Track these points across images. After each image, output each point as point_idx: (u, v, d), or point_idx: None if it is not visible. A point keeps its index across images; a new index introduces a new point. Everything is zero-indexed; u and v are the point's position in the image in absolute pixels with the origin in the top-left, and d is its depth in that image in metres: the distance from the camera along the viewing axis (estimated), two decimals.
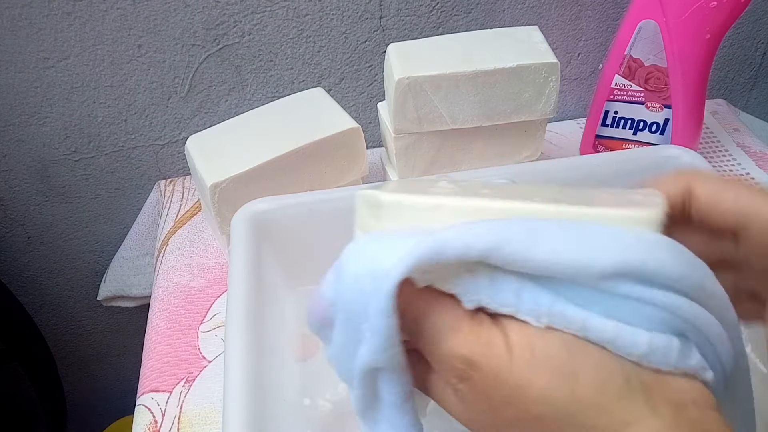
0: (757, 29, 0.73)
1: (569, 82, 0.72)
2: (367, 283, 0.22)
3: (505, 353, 0.21)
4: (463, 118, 0.52)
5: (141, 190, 0.70)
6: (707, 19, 0.52)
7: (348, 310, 0.23)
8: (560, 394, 0.20)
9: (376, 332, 0.22)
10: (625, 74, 0.58)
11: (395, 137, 0.53)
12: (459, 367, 0.22)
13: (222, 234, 0.50)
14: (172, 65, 0.62)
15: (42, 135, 0.64)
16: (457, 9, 0.64)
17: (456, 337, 0.22)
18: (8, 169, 0.66)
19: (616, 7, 0.67)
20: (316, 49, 0.64)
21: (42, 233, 0.72)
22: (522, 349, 0.21)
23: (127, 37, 0.59)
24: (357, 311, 0.22)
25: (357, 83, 0.67)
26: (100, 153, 0.67)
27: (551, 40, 0.67)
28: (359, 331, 0.23)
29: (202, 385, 0.47)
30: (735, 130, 0.70)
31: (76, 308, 0.80)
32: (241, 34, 0.61)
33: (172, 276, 0.56)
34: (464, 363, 0.22)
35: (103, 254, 0.75)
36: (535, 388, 0.21)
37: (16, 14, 0.56)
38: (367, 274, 0.22)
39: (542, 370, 0.21)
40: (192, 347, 0.50)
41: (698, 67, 0.55)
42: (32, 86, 0.61)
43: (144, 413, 0.46)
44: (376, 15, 0.63)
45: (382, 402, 0.24)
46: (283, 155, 0.49)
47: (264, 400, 0.33)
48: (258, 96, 0.66)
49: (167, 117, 0.65)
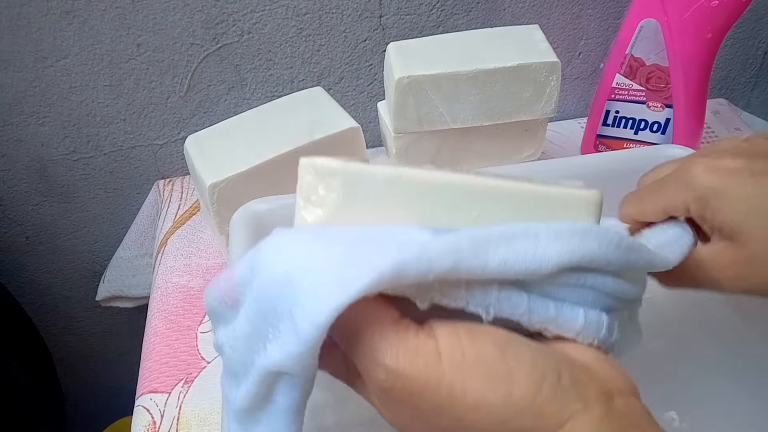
0: (758, 28, 0.73)
1: (570, 82, 0.72)
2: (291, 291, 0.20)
3: (435, 360, 0.21)
4: (464, 117, 0.52)
5: (140, 189, 0.70)
6: (709, 19, 0.52)
7: (264, 302, 0.21)
8: (496, 400, 0.20)
9: (299, 340, 0.20)
10: (627, 73, 0.58)
11: (395, 137, 0.53)
12: (382, 377, 0.21)
13: (221, 234, 0.50)
14: (171, 64, 0.62)
15: (40, 135, 0.64)
16: (457, 8, 0.64)
17: (381, 346, 0.21)
18: (7, 168, 0.66)
19: (618, 6, 0.67)
20: (316, 48, 0.63)
21: (40, 233, 0.72)
22: (452, 353, 0.21)
23: (125, 36, 0.59)
24: (275, 308, 0.21)
25: (357, 82, 0.67)
26: (99, 153, 0.66)
27: (552, 39, 0.67)
28: (273, 328, 0.21)
29: (201, 386, 0.47)
30: (736, 130, 0.70)
31: (75, 308, 0.80)
32: (240, 33, 0.61)
33: (171, 276, 0.56)
34: (387, 373, 0.21)
35: (102, 254, 0.75)
36: (469, 396, 0.20)
37: (14, 13, 0.56)
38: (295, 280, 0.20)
39: (475, 374, 0.20)
40: (191, 348, 0.50)
41: (700, 66, 0.55)
42: (31, 86, 0.60)
43: (143, 414, 0.46)
44: (376, 14, 0.62)
45: (273, 405, 0.23)
46: (282, 155, 0.49)
47: None
48: (257, 95, 0.66)
49: (166, 116, 0.65)
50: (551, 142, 0.68)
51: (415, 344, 0.21)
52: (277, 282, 0.21)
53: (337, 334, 0.22)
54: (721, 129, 0.70)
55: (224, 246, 0.52)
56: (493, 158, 0.56)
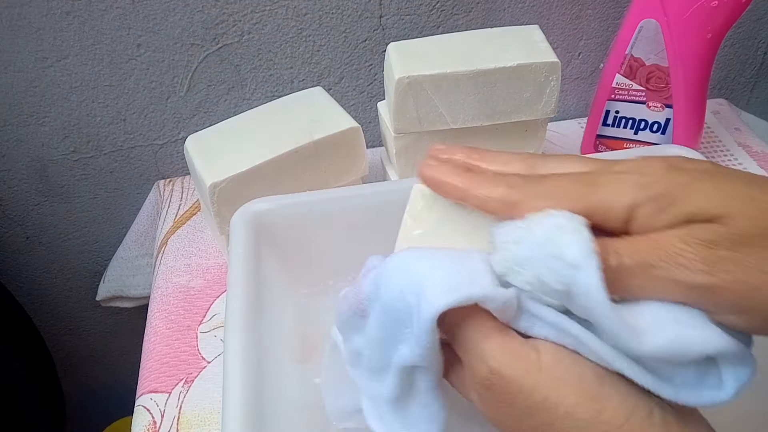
0: (758, 29, 0.73)
1: (570, 82, 0.72)
2: (413, 299, 0.24)
3: (534, 367, 0.23)
4: (464, 117, 0.52)
5: (140, 189, 0.70)
6: (708, 19, 0.52)
7: (390, 313, 0.26)
8: (585, 416, 0.22)
9: (419, 343, 0.24)
10: (626, 73, 0.58)
11: (395, 137, 0.53)
12: (484, 374, 0.24)
13: (221, 234, 0.50)
14: (171, 64, 0.62)
15: (41, 135, 0.64)
16: (457, 8, 0.64)
17: (485, 346, 0.24)
18: (7, 169, 0.66)
19: (617, 6, 0.67)
20: (316, 49, 0.63)
21: (41, 233, 0.72)
22: (553, 368, 0.23)
23: (126, 36, 0.59)
24: (399, 318, 0.25)
25: (357, 82, 0.67)
26: (99, 153, 0.66)
27: (552, 39, 0.67)
28: (401, 332, 0.25)
29: (201, 385, 0.47)
30: (736, 130, 0.70)
31: (75, 308, 0.80)
32: (240, 34, 0.61)
33: (171, 276, 0.56)
34: (489, 371, 0.23)
35: (102, 254, 0.75)
36: (562, 406, 0.22)
37: (15, 13, 0.56)
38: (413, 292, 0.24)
39: (572, 390, 0.22)
40: (191, 348, 0.50)
41: (699, 66, 0.55)
42: (31, 86, 0.60)
43: (143, 414, 0.46)
44: (376, 14, 0.62)
45: (415, 389, 0.27)
46: (282, 155, 0.49)
47: (263, 401, 0.33)
48: (257, 95, 0.66)
49: (166, 116, 0.65)
50: (551, 142, 0.68)
51: (518, 352, 0.23)
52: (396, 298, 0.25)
53: (450, 334, 0.25)
54: (721, 129, 0.70)
55: (224, 246, 0.52)
56: None
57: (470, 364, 0.25)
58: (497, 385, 0.23)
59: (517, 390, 0.23)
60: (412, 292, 0.24)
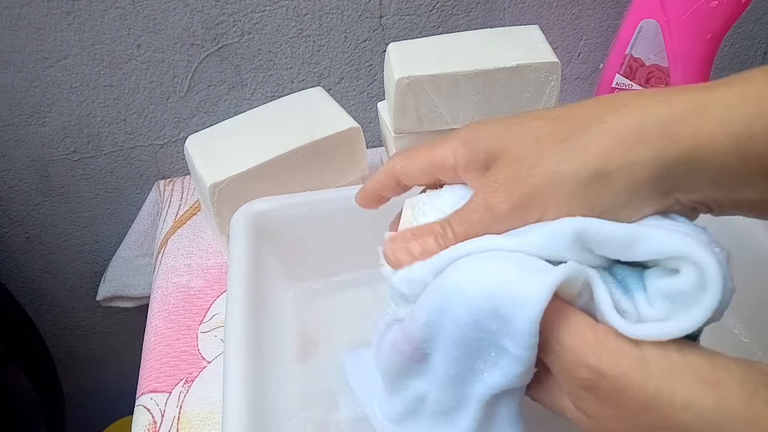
0: (757, 29, 0.73)
1: (570, 82, 0.72)
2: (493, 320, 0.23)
3: (638, 362, 0.22)
4: (464, 117, 0.52)
5: (140, 190, 0.70)
6: (708, 19, 0.52)
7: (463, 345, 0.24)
8: (708, 404, 0.21)
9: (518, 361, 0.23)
10: (626, 74, 0.58)
11: (395, 137, 0.53)
12: (585, 376, 0.22)
13: (221, 234, 0.50)
14: (171, 65, 0.62)
15: (41, 135, 0.64)
16: (457, 8, 0.64)
17: (582, 346, 0.22)
18: (7, 168, 0.66)
19: (617, 7, 0.67)
20: (316, 49, 0.63)
21: (41, 233, 0.72)
22: (659, 360, 0.22)
23: (126, 36, 0.59)
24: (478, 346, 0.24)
25: (357, 83, 0.67)
26: (99, 153, 0.66)
27: (552, 39, 0.67)
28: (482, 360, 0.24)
29: (201, 385, 0.47)
30: None
31: (75, 308, 0.80)
32: (240, 34, 0.61)
33: (172, 276, 0.56)
34: (591, 372, 0.22)
35: (102, 254, 0.75)
36: (678, 398, 0.21)
37: (15, 14, 0.56)
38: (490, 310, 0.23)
39: (684, 379, 0.21)
40: (191, 348, 0.50)
41: (699, 66, 0.55)
42: (31, 86, 0.60)
43: (143, 414, 0.46)
44: (376, 14, 0.62)
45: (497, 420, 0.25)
46: (282, 155, 0.49)
47: (263, 401, 0.33)
48: (257, 95, 0.66)
49: (166, 117, 0.65)
50: None
51: (617, 347, 0.22)
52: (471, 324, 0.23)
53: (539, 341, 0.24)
54: None
55: (225, 246, 0.52)
56: None
57: (565, 368, 0.23)
58: (602, 386, 0.22)
59: (624, 387, 0.22)
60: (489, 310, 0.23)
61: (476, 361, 0.24)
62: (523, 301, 0.22)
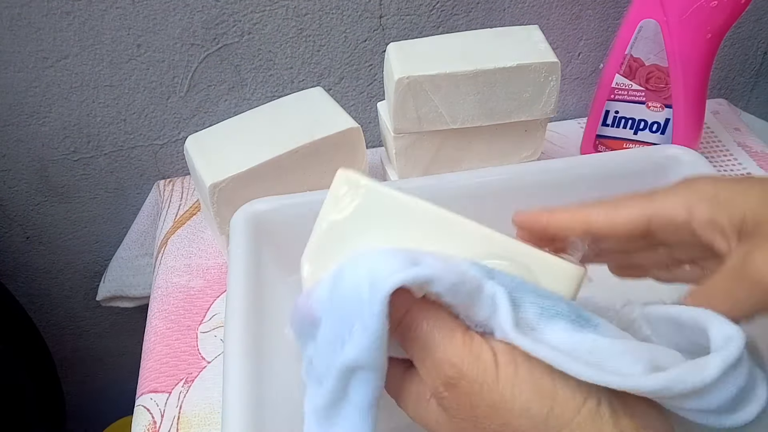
0: (758, 29, 0.73)
1: (570, 82, 0.72)
2: (365, 288, 0.23)
3: (492, 367, 0.23)
4: (463, 117, 0.52)
5: (140, 190, 0.70)
6: (708, 19, 0.52)
7: (342, 310, 0.25)
8: (539, 411, 0.22)
9: (366, 332, 0.23)
10: (626, 74, 0.58)
11: (395, 137, 0.53)
12: (448, 374, 0.24)
13: (221, 234, 0.50)
14: (171, 65, 0.62)
15: (41, 135, 0.64)
16: (457, 8, 0.64)
17: (449, 346, 0.24)
18: (7, 168, 0.66)
19: (617, 7, 0.67)
20: (316, 49, 0.63)
21: (41, 233, 0.72)
22: (507, 366, 0.23)
23: (126, 36, 0.59)
24: (351, 314, 0.24)
25: (357, 83, 0.67)
26: (99, 153, 0.66)
27: (552, 39, 0.67)
28: (348, 330, 0.24)
29: (201, 385, 0.47)
30: (736, 130, 0.70)
31: (75, 308, 0.80)
32: (240, 34, 0.61)
33: (171, 276, 0.56)
34: (454, 370, 0.23)
35: (102, 254, 0.75)
36: (517, 402, 0.23)
37: (15, 14, 0.56)
38: (365, 280, 0.24)
39: (524, 386, 0.23)
40: (191, 348, 0.50)
41: (699, 66, 0.55)
42: (31, 86, 0.60)
43: (143, 414, 0.46)
44: (376, 14, 0.62)
45: (348, 403, 0.26)
46: (282, 155, 0.49)
47: (263, 401, 0.33)
48: (257, 95, 0.66)
49: (166, 117, 0.65)
50: (551, 143, 0.68)
51: (479, 351, 0.24)
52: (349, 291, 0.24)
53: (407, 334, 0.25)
54: (721, 129, 0.70)
55: (224, 246, 0.52)
56: (492, 158, 0.56)
57: (432, 365, 0.24)
58: (460, 386, 0.23)
59: (479, 389, 0.23)
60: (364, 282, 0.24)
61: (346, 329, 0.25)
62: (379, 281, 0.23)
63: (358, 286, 0.24)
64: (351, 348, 0.24)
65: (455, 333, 0.24)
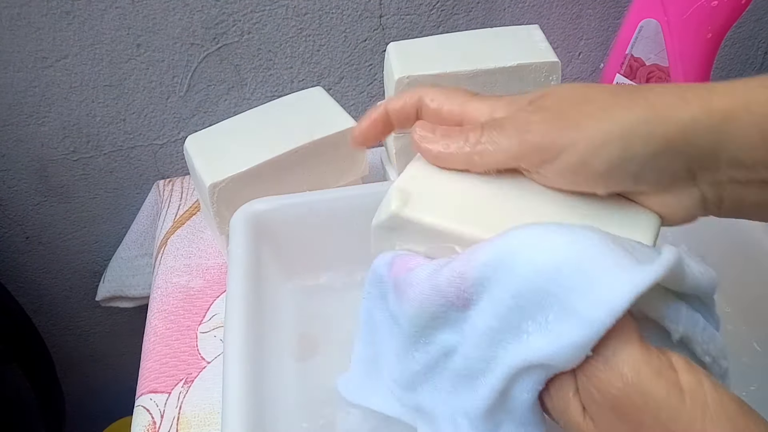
0: (758, 29, 0.73)
1: (570, 82, 0.72)
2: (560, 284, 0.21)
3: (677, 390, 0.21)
4: None
5: (140, 189, 0.70)
6: (709, 19, 0.52)
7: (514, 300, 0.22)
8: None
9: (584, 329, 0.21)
10: (627, 73, 0.58)
11: (395, 137, 0.53)
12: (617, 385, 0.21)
13: (221, 234, 0.50)
14: (170, 64, 0.62)
15: (40, 135, 0.64)
16: (457, 8, 0.64)
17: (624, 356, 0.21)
18: (7, 168, 0.66)
19: (618, 6, 0.67)
20: (316, 48, 0.63)
21: (40, 233, 0.72)
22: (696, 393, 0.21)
23: (125, 36, 0.59)
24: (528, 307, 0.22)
25: (357, 82, 0.67)
26: (99, 153, 0.66)
27: (552, 39, 0.66)
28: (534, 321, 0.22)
29: (201, 385, 0.47)
30: None
31: (75, 308, 0.80)
32: (240, 33, 0.61)
33: (171, 276, 0.56)
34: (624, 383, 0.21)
35: (102, 254, 0.75)
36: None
37: (14, 13, 0.56)
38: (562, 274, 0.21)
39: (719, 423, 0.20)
40: (191, 348, 0.50)
41: (700, 66, 0.55)
42: (31, 86, 0.60)
43: (143, 414, 0.46)
44: (376, 14, 0.62)
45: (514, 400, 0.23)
46: (282, 155, 0.49)
47: (263, 401, 0.33)
48: (257, 95, 0.66)
49: (166, 116, 0.65)
50: None
51: (658, 366, 0.21)
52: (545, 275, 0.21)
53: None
54: None
55: (224, 246, 0.52)
56: None
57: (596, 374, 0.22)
58: (631, 401, 0.21)
59: (656, 408, 0.20)
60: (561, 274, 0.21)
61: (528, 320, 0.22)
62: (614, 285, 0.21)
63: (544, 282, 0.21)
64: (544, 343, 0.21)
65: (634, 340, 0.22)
